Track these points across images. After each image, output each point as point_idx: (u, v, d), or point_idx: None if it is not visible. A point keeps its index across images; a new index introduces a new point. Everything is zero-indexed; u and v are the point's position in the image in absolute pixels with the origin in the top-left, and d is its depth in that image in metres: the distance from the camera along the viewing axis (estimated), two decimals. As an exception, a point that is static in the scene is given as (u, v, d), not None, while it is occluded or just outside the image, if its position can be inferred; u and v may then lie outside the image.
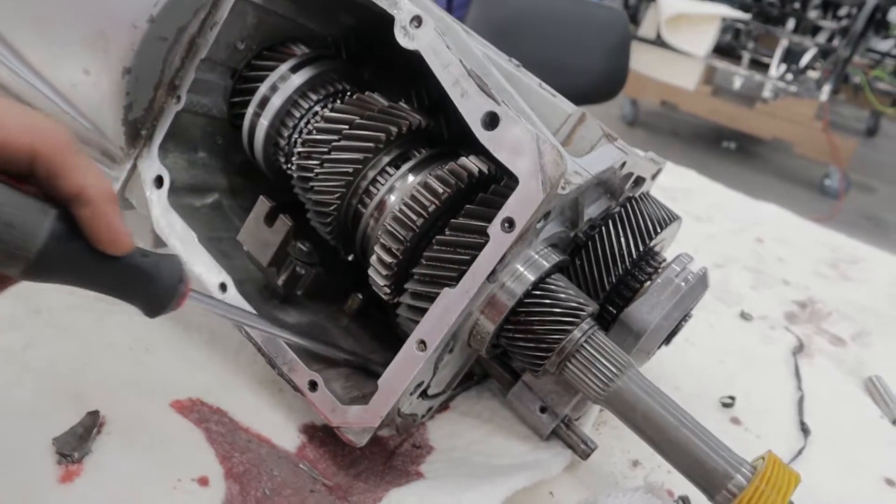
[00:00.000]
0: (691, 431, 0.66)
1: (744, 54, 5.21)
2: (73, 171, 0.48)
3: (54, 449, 0.66)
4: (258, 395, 0.79)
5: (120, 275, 0.52)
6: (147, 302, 0.55)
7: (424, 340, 0.64)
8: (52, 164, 0.47)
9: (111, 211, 0.49)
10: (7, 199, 0.45)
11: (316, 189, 0.74)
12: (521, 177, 0.60)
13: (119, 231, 0.50)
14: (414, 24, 0.66)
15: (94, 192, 0.48)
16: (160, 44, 0.77)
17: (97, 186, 0.48)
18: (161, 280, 0.54)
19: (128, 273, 0.52)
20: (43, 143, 0.47)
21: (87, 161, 0.49)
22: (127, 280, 0.53)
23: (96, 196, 0.48)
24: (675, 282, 0.75)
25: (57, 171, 0.47)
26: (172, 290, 0.55)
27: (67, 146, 0.48)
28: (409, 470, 0.74)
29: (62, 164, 0.47)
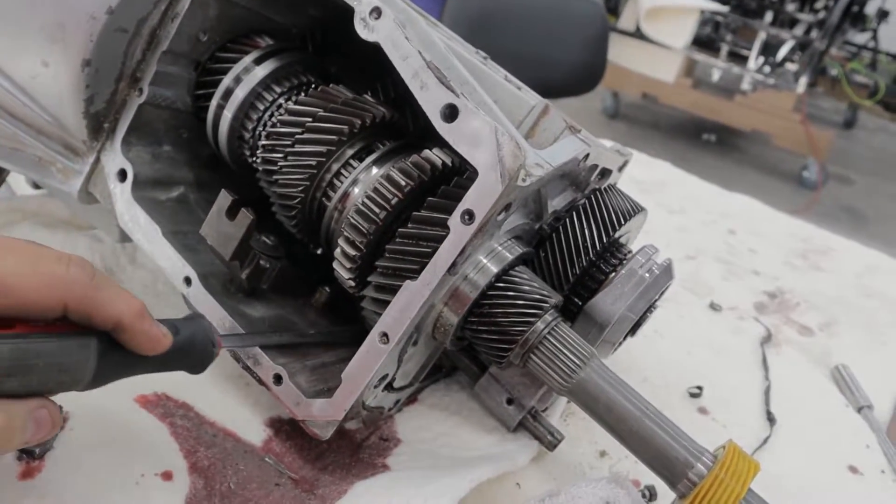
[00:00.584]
0: (653, 422, 0.67)
1: (722, 47, 5.24)
2: (103, 308, 0.52)
3: (14, 445, 0.66)
4: (225, 389, 0.79)
5: (163, 360, 0.58)
6: (190, 368, 0.62)
7: (387, 333, 0.64)
8: (82, 308, 0.51)
9: (146, 325, 0.55)
10: (52, 349, 0.50)
11: (280, 182, 0.74)
12: (479, 169, 0.60)
13: (157, 338, 0.56)
14: (373, 16, 0.66)
15: (128, 319, 0.53)
16: (120, 35, 0.76)
17: (128, 312, 0.53)
18: (197, 348, 0.61)
19: (169, 356, 0.58)
20: (70, 295, 0.51)
21: (113, 290, 0.54)
22: (169, 361, 0.59)
23: (129, 322, 0.53)
24: (640, 273, 0.76)
25: (89, 313, 0.52)
26: (209, 354, 0.62)
27: (93, 288, 0.52)
28: (375, 462, 0.74)
29: (92, 306, 0.52)
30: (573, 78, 2.76)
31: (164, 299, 0.94)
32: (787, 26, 5.00)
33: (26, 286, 0.49)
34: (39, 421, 0.52)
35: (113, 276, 0.96)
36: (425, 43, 0.67)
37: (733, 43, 5.27)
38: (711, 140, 5.76)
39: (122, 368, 0.57)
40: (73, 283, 0.51)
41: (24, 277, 0.49)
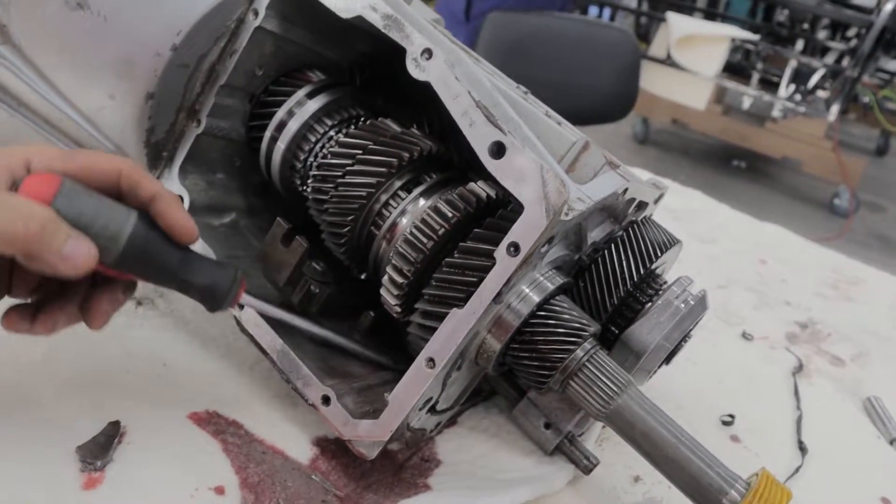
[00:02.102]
0: (688, 448, 0.69)
1: (753, 74, 5.24)
2: (148, 181, 0.63)
3: (78, 457, 0.69)
4: (272, 408, 0.82)
5: (187, 265, 0.64)
6: (208, 296, 0.65)
7: (433, 358, 0.67)
8: (132, 178, 0.62)
9: (179, 206, 0.64)
10: (104, 205, 0.59)
11: (330, 211, 0.78)
12: (525, 204, 0.63)
13: (188, 222, 0.63)
14: (425, 57, 0.69)
15: (166, 193, 0.63)
16: (182, 70, 0.81)
17: (167, 191, 0.64)
18: (220, 277, 0.65)
19: (193, 265, 0.64)
20: (125, 166, 0.62)
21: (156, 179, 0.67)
22: (192, 272, 0.64)
23: (168, 196, 0.63)
24: (675, 304, 0.78)
25: (137, 183, 0.62)
26: (229, 286, 0.66)
27: (141, 169, 0.64)
28: (417, 482, 0.76)
29: (140, 177, 0.62)
30: (605, 105, 2.79)
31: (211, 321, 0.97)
32: (819, 54, 4.99)
33: (94, 154, 0.62)
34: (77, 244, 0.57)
35: (161, 298, 1.00)
36: (472, 81, 0.71)
37: (764, 70, 5.27)
38: (742, 166, 5.75)
39: (151, 253, 0.61)
40: (129, 161, 0.63)
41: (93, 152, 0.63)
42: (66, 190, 0.57)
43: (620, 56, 2.79)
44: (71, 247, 0.56)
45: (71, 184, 0.58)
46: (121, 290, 0.66)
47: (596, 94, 2.76)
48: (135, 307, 0.97)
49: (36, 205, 0.55)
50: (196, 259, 0.65)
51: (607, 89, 2.78)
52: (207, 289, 0.65)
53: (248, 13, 0.80)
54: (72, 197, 0.57)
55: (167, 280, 0.64)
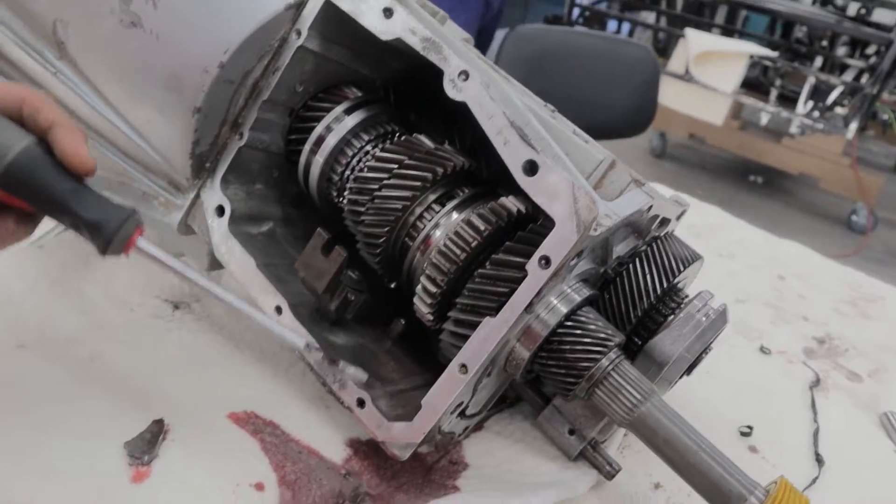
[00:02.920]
0: (709, 456, 0.72)
1: (771, 90, 5.25)
2: (50, 108, 0.63)
3: (126, 452, 0.73)
4: (307, 410, 0.86)
5: (77, 197, 0.62)
6: (97, 233, 0.63)
7: (466, 364, 0.70)
8: (34, 104, 0.63)
9: (77, 136, 0.63)
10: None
11: (367, 222, 0.81)
12: (557, 219, 0.67)
13: (84, 153, 0.63)
14: (461, 78, 0.73)
15: (66, 122, 0.63)
16: (227, 86, 0.84)
17: (68, 120, 0.63)
18: (112, 215, 0.63)
19: (85, 198, 0.63)
20: (29, 94, 0.63)
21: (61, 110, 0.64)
22: (82, 205, 0.62)
23: (67, 123, 0.63)
24: (697, 317, 0.81)
25: (38, 108, 0.62)
26: (120, 224, 0.63)
27: (47, 98, 0.64)
28: (446, 484, 0.80)
29: (42, 104, 0.63)
30: (624, 120, 2.82)
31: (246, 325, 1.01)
32: (837, 71, 5.00)
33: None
34: None
35: (198, 303, 1.04)
36: (505, 101, 0.74)
37: (782, 86, 5.28)
38: (758, 182, 5.76)
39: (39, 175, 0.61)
40: (34, 91, 0.64)
41: None
42: None
43: (640, 72, 2.82)
44: None
45: None
46: (13, 220, 0.65)
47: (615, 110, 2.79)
48: (172, 311, 1.01)
49: None
50: (90, 194, 0.63)
51: (626, 104, 2.81)
52: (95, 225, 0.62)
53: (291, 33, 0.83)
54: None
55: (55, 210, 0.63)
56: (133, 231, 0.64)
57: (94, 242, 0.63)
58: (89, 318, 0.95)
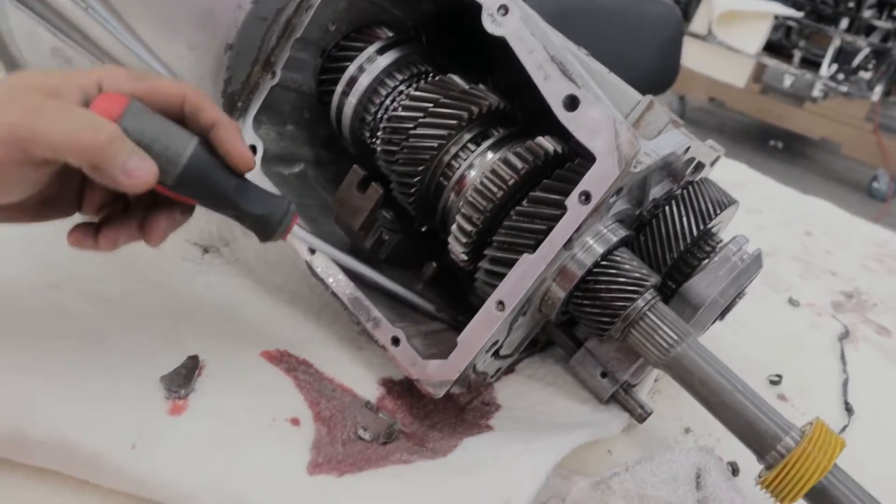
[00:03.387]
0: (744, 396, 0.72)
1: (795, 53, 5.16)
2: (211, 107, 0.65)
3: (162, 385, 0.73)
4: (339, 350, 0.86)
5: (242, 193, 0.66)
6: (261, 225, 0.68)
7: (503, 301, 0.70)
8: (196, 103, 0.65)
9: (238, 135, 0.66)
10: (167, 128, 0.62)
11: (401, 161, 0.81)
12: (598, 154, 0.66)
13: (245, 150, 0.66)
14: (501, 12, 0.72)
15: (227, 121, 0.66)
16: (260, 23, 0.84)
17: (228, 118, 0.66)
18: (274, 207, 0.68)
19: (249, 193, 0.67)
20: (189, 91, 0.65)
21: (218, 107, 0.67)
22: (247, 200, 0.66)
23: (228, 123, 0.65)
24: (733, 260, 0.81)
25: (199, 108, 0.65)
26: (282, 217, 0.68)
27: (206, 95, 0.66)
28: (479, 423, 0.80)
29: (203, 103, 0.65)
30: (646, 81, 2.76)
31: (275, 269, 1.01)
32: (864, 33, 4.91)
33: (161, 78, 0.66)
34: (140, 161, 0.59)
35: (227, 247, 1.04)
36: (544, 36, 0.73)
37: (805, 49, 5.19)
38: (778, 147, 5.70)
39: (208, 178, 0.64)
40: (193, 87, 0.66)
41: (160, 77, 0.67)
42: (132, 110, 0.60)
43: (664, 30, 2.78)
44: (134, 163, 0.59)
45: (138, 105, 0.61)
46: (178, 212, 0.68)
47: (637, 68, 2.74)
48: (201, 254, 1.01)
49: (105, 120, 0.58)
50: (252, 188, 0.67)
51: (649, 63, 2.77)
52: (261, 218, 0.67)
53: (324, -31, 0.82)
54: (137, 117, 0.60)
55: (222, 205, 0.66)
56: (291, 220, 0.69)
57: (257, 233, 0.69)
58: (119, 260, 0.94)
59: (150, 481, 0.64)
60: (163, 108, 0.64)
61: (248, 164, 0.66)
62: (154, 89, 0.64)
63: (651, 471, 0.68)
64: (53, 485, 0.66)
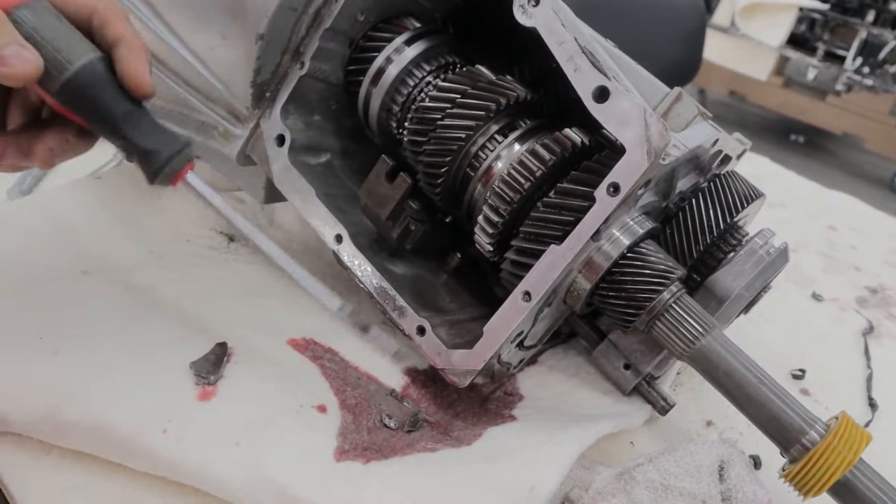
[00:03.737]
0: (769, 389, 0.72)
1: (819, 45, 5.11)
2: (119, 21, 0.61)
3: (192, 371, 0.74)
4: (364, 339, 0.87)
5: (133, 121, 0.61)
6: (147, 160, 0.62)
7: (529, 292, 0.71)
8: (104, 16, 0.61)
9: (141, 57, 0.61)
10: (66, 33, 0.59)
11: (428, 152, 0.81)
12: (627, 146, 0.66)
13: (145, 75, 0.61)
14: (532, 3, 0.72)
15: (132, 39, 0.61)
16: (290, 13, 0.84)
17: (136, 37, 0.61)
18: (166, 144, 0.62)
19: (139, 123, 0.61)
20: (102, 4, 0.61)
21: (131, 24, 0.63)
22: (135, 129, 0.61)
23: (133, 41, 0.61)
24: (759, 253, 0.80)
25: (107, 21, 0.61)
26: (172, 155, 0.62)
27: (119, 11, 0.62)
28: (503, 413, 0.81)
29: (112, 17, 0.61)
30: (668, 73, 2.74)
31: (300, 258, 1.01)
32: (890, 26, 4.84)
33: None
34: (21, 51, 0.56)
35: (252, 235, 1.05)
36: (574, 28, 0.73)
37: (829, 42, 5.13)
38: (800, 141, 5.65)
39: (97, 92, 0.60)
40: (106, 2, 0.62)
41: None
42: (35, 5, 0.57)
43: (686, 22, 2.76)
44: (12, 50, 0.56)
45: (44, 3, 0.58)
46: (71, 133, 0.64)
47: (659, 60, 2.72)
48: (227, 243, 1.03)
49: None
50: (146, 120, 0.62)
51: (671, 55, 2.75)
52: (149, 153, 0.62)
53: (354, -40, 0.83)
54: (37, 13, 0.57)
55: (108, 130, 0.62)
56: (184, 164, 0.63)
57: (144, 170, 0.63)
58: (148, 248, 0.97)
59: (180, 464, 0.65)
60: (72, 16, 0.60)
61: (143, 88, 0.61)
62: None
63: (674, 462, 0.68)
64: (86, 468, 0.67)
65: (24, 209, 0.97)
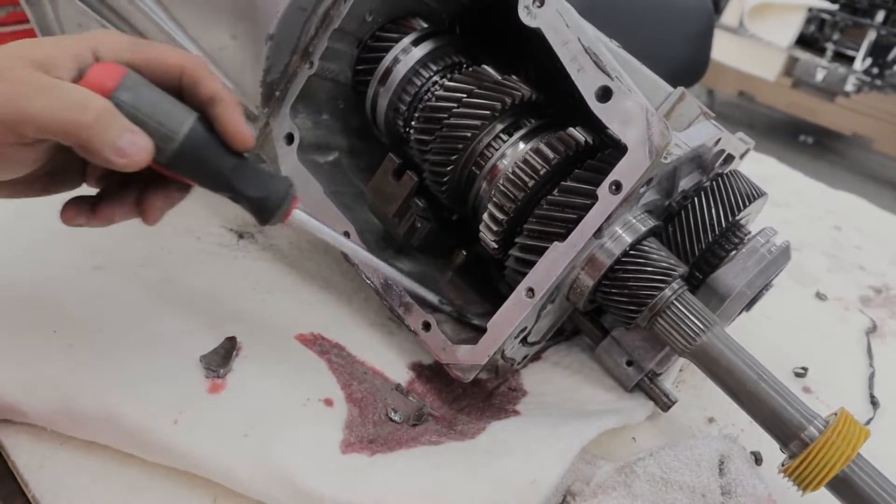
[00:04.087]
0: (769, 386, 0.73)
1: (827, 47, 5.09)
2: (210, 80, 0.62)
3: (202, 365, 0.76)
4: (371, 334, 0.88)
5: (240, 173, 0.62)
6: (258, 207, 0.64)
7: (533, 288, 0.72)
8: (194, 75, 0.61)
9: (238, 112, 0.62)
10: (164, 102, 0.59)
11: (434, 150, 0.82)
12: (630, 144, 0.67)
13: (243, 127, 0.62)
14: (536, 4, 0.73)
15: (226, 95, 0.62)
16: (300, 14, 0.86)
17: (228, 93, 0.62)
18: (273, 189, 0.64)
19: (248, 174, 0.63)
20: (189, 62, 0.62)
21: (219, 79, 0.64)
22: (245, 181, 0.62)
23: (227, 98, 0.62)
24: (761, 251, 0.81)
25: (198, 80, 0.61)
26: (281, 199, 0.64)
27: (205, 66, 0.63)
28: (506, 408, 0.82)
29: (202, 76, 0.62)
30: (675, 73, 2.76)
31: (308, 256, 1.03)
32: (900, 27, 4.83)
33: (161, 47, 0.62)
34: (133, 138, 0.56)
35: (261, 233, 1.07)
36: (578, 28, 0.74)
37: (839, 43, 5.12)
38: (808, 142, 5.63)
39: (205, 154, 0.60)
40: (193, 57, 0.63)
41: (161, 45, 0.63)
42: (128, 83, 0.57)
43: (694, 22, 2.76)
44: (126, 140, 0.55)
45: (135, 77, 0.58)
46: (175, 189, 0.65)
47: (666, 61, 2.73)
48: (237, 240, 1.04)
49: (94, 95, 0.55)
50: (251, 168, 0.63)
51: (679, 56, 2.76)
52: (259, 200, 0.63)
53: (362, -39, 0.84)
54: (133, 90, 0.57)
55: (219, 186, 0.63)
56: (291, 203, 0.65)
57: (255, 215, 0.65)
58: (159, 244, 0.98)
59: (190, 455, 0.67)
60: (160, 80, 0.61)
61: (246, 143, 0.62)
62: (152, 59, 0.60)
63: (675, 456, 0.69)
64: (100, 458, 0.69)
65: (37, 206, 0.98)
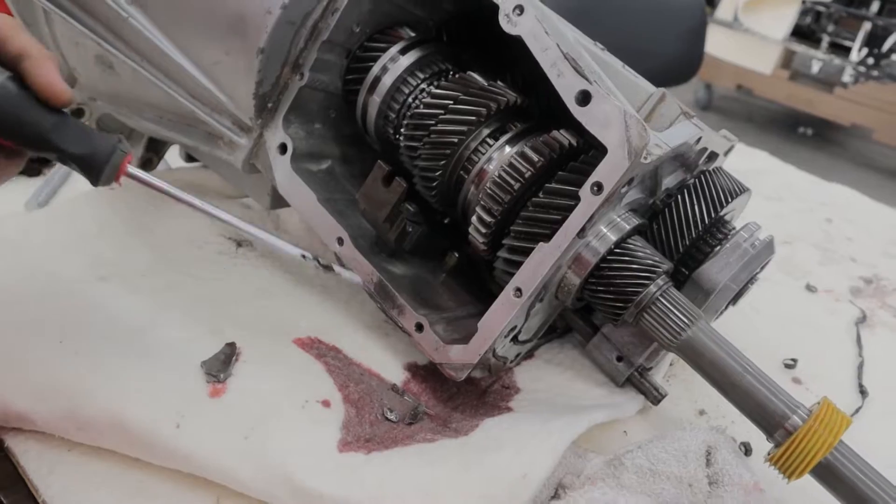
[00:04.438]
0: (754, 377, 0.75)
1: (823, 38, 5.10)
2: (17, 36, 0.59)
3: (203, 370, 0.78)
4: (367, 337, 0.91)
5: (61, 131, 0.60)
6: (85, 165, 0.61)
7: (520, 288, 0.74)
8: (1, 34, 0.59)
9: (49, 66, 0.59)
10: None
11: (423, 156, 0.85)
12: (609, 147, 0.69)
13: (58, 83, 0.59)
14: (516, 13, 0.75)
15: (34, 50, 0.59)
16: (289, 27, 0.88)
17: (36, 47, 0.60)
18: (100, 146, 0.62)
19: (70, 131, 0.61)
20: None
21: (29, 35, 0.61)
22: (66, 138, 0.60)
23: (36, 52, 0.59)
24: (744, 246, 0.84)
25: (5, 39, 0.59)
26: (108, 155, 0.62)
27: (14, 24, 0.60)
28: (500, 405, 0.84)
29: (9, 34, 0.59)
30: (669, 69, 2.78)
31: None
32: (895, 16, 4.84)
33: None
34: None
35: (259, 240, 1.09)
36: (558, 35, 0.76)
37: (834, 34, 5.13)
38: (808, 133, 5.65)
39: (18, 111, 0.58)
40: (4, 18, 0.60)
41: None
42: None
43: (686, 18, 2.78)
44: None
45: None
46: (2, 156, 0.63)
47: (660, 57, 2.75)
48: (235, 248, 1.06)
49: None
50: (73, 125, 0.61)
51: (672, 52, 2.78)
52: (86, 157, 0.61)
53: (349, -26, 0.86)
54: None
55: (41, 145, 0.60)
56: (122, 159, 0.63)
57: (85, 175, 0.63)
58: (160, 254, 1.01)
59: (193, 457, 0.69)
60: None
61: (61, 97, 0.59)
62: None
63: (662, 448, 0.72)
64: (106, 462, 0.72)
65: (42, 220, 1.01)
